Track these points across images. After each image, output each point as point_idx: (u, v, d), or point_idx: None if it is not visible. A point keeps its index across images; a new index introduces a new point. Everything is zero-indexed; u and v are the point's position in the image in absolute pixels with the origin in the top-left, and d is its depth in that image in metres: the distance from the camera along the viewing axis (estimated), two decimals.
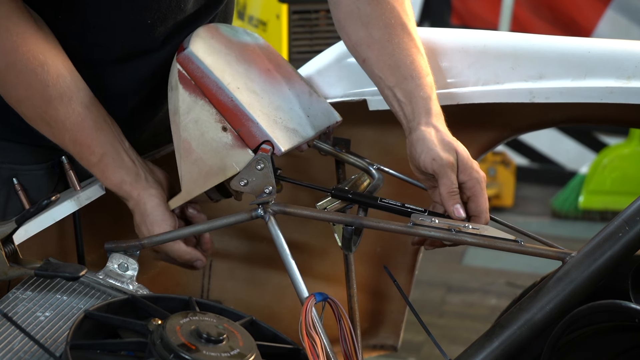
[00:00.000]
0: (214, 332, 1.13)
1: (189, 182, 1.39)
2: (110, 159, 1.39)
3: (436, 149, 1.35)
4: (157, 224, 1.40)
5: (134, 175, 1.40)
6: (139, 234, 1.42)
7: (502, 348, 1.28)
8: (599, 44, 1.51)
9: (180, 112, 1.38)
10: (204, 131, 1.37)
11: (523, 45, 1.53)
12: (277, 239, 1.32)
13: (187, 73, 1.37)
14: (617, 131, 4.75)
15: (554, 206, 4.59)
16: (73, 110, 1.36)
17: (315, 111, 1.49)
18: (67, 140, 1.38)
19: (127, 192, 1.41)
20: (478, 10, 4.92)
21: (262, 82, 1.44)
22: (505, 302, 2.79)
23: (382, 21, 1.45)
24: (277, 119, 1.39)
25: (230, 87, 1.37)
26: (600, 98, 1.44)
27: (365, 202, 1.41)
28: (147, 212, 1.40)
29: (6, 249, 1.28)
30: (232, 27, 1.51)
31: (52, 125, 1.36)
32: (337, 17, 1.49)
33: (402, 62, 1.43)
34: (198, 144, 1.37)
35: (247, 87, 1.39)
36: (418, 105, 1.39)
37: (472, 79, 1.52)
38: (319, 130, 1.48)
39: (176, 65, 1.39)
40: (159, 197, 1.41)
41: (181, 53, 1.39)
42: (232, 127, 1.36)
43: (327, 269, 1.80)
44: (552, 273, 1.31)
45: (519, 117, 1.66)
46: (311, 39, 2.41)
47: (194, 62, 1.37)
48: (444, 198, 1.35)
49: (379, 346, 1.91)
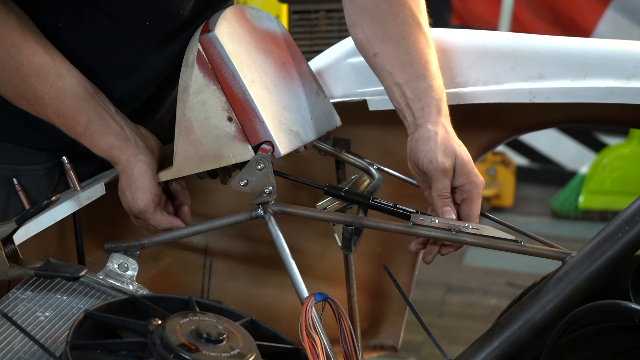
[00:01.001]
0: (214, 332, 1.13)
1: (183, 160, 1.39)
2: (96, 126, 1.39)
3: (436, 151, 1.35)
4: (142, 191, 1.39)
5: (123, 139, 1.40)
6: (122, 198, 1.42)
7: (502, 348, 1.28)
8: (599, 44, 1.51)
9: (190, 91, 1.38)
10: (209, 116, 1.37)
11: (523, 46, 1.53)
12: (277, 239, 1.32)
13: (206, 55, 1.37)
14: (617, 131, 4.76)
15: (554, 206, 4.59)
16: (51, 85, 1.36)
17: (319, 114, 1.49)
18: (51, 114, 1.38)
19: (116, 157, 1.40)
20: (478, 10, 4.92)
21: (276, 76, 1.44)
22: (505, 302, 2.79)
23: (399, 18, 1.45)
24: (282, 119, 1.39)
25: (246, 80, 1.37)
26: (600, 98, 1.44)
27: (357, 200, 1.40)
28: (133, 177, 1.40)
29: (6, 249, 1.28)
30: (258, 11, 1.50)
31: (32, 102, 1.36)
32: (350, 12, 1.48)
33: (416, 61, 1.43)
34: (200, 127, 1.37)
35: (261, 82, 1.39)
36: (429, 104, 1.40)
37: (472, 79, 1.52)
38: (319, 135, 1.48)
39: (197, 44, 1.38)
40: (147, 164, 1.41)
41: (205, 35, 1.38)
42: (238, 119, 1.36)
43: (327, 269, 1.80)
44: (552, 273, 1.31)
45: (519, 117, 1.66)
46: (311, 39, 2.41)
47: (216, 47, 1.37)
48: (434, 199, 1.37)
49: (379, 346, 1.91)
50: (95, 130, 1.39)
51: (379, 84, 1.46)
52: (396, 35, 1.45)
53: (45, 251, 1.44)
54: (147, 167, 1.40)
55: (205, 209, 1.71)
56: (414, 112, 1.40)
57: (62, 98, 1.37)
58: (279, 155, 1.36)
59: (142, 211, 1.40)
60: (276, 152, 1.36)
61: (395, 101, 1.43)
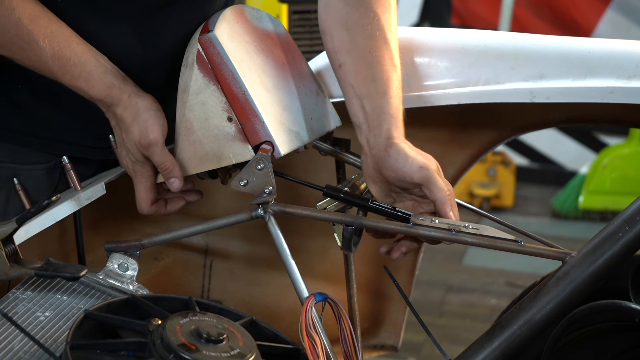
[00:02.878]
0: (214, 332, 1.13)
1: (183, 160, 1.39)
2: (93, 67, 1.38)
3: (420, 158, 1.34)
4: (151, 122, 1.37)
5: (122, 78, 1.39)
6: (127, 138, 1.40)
7: (502, 348, 1.28)
8: (600, 44, 1.51)
9: (190, 92, 1.38)
10: (209, 116, 1.37)
11: (523, 45, 1.53)
12: (277, 239, 1.32)
13: (206, 56, 1.37)
14: (617, 131, 4.76)
15: (554, 206, 4.59)
16: (44, 28, 1.35)
17: (319, 114, 1.50)
18: (46, 58, 1.36)
19: (117, 96, 1.38)
20: (478, 10, 4.92)
21: (276, 76, 1.44)
22: (505, 302, 2.79)
23: (367, 31, 1.44)
24: (282, 119, 1.39)
25: (245, 80, 1.37)
26: (600, 98, 1.44)
27: (356, 202, 1.40)
28: (139, 111, 1.38)
29: (6, 249, 1.28)
30: (257, 11, 1.50)
31: (26, 48, 1.35)
32: (324, 18, 1.47)
33: (378, 77, 1.41)
34: (200, 127, 1.37)
35: (261, 82, 1.39)
36: (387, 121, 1.38)
37: (473, 78, 1.52)
38: (318, 135, 1.48)
39: (197, 45, 1.38)
40: (151, 99, 1.39)
41: (205, 35, 1.38)
42: (238, 119, 1.36)
43: (327, 269, 1.80)
44: (552, 273, 1.31)
45: (519, 117, 1.66)
46: (311, 39, 2.41)
47: (216, 47, 1.37)
48: (440, 202, 1.34)
49: (379, 346, 1.91)
50: (92, 70, 1.37)
51: None
52: (362, 49, 1.44)
53: (45, 251, 1.44)
54: (152, 100, 1.39)
55: (205, 209, 1.72)
56: (371, 128, 1.38)
57: (56, 40, 1.36)
58: (278, 155, 1.36)
59: (152, 144, 1.37)
60: (276, 152, 1.36)
61: (354, 114, 1.41)
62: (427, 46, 1.51)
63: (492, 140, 1.70)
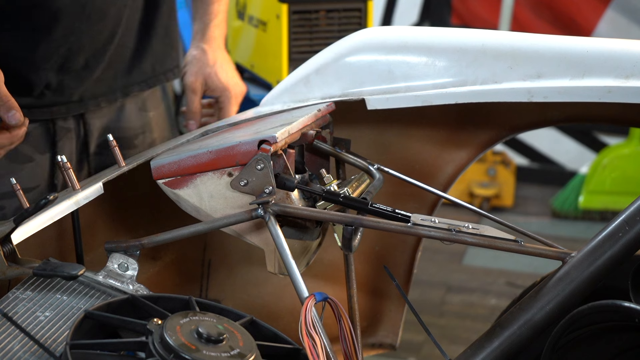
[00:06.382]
0: (214, 332, 1.13)
1: None
2: None
3: (187, 73, 1.78)
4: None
5: None
6: None
7: (502, 348, 1.28)
8: (598, 43, 1.51)
9: (199, 205, 1.40)
10: (224, 194, 1.38)
11: (521, 45, 1.53)
12: (277, 239, 1.32)
13: (167, 178, 1.40)
14: (617, 131, 4.75)
15: (554, 206, 4.59)
16: None
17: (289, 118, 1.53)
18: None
19: None
20: (478, 10, 4.92)
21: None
22: (505, 302, 2.79)
23: None
24: (256, 131, 1.41)
25: (199, 147, 1.40)
26: (598, 97, 1.44)
27: (355, 205, 1.40)
28: None
29: (4, 248, 1.28)
30: None
31: None
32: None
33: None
34: (226, 206, 1.39)
35: (209, 138, 1.49)
36: (194, 28, 1.80)
37: (471, 78, 1.52)
38: (304, 119, 1.48)
39: (160, 185, 1.41)
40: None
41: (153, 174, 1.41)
42: (232, 166, 1.37)
43: (327, 269, 1.80)
44: (552, 273, 1.31)
45: (517, 116, 1.66)
46: (311, 39, 2.41)
47: (163, 165, 1.40)
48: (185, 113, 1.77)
49: (377, 345, 1.91)
50: None
51: (377, 82, 1.46)
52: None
53: (44, 251, 1.44)
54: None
55: None
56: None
57: None
58: (274, 140, 1.36)
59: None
60: (271, 139, 1.36)
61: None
62: (424, 45, 1.51)
63: (490, 139, 1.70)
